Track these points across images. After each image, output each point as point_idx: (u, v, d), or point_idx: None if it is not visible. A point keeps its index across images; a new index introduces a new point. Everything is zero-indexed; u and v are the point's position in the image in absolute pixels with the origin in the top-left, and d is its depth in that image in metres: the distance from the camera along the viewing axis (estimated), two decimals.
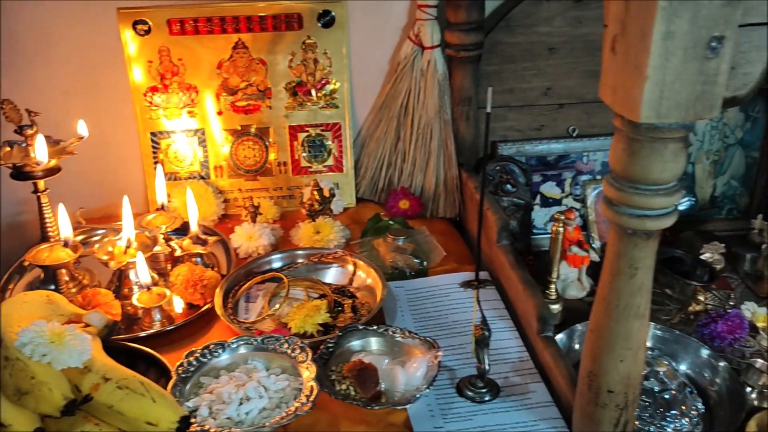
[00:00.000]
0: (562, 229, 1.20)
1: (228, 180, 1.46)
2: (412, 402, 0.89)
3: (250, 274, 1.20)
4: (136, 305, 1.11)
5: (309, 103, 1.44)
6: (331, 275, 1.22)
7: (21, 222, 1.42)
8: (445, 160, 1.44)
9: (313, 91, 1.43)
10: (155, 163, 1.41)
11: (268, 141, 1.45)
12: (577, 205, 1.53)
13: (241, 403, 0.87)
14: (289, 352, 0.96)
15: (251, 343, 0.98)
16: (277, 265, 1.23)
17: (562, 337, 1.11)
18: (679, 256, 1.38)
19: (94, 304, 1.04)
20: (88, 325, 0.87)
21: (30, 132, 1.20)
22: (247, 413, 0.86)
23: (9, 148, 1.22)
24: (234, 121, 1.43)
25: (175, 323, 1.10)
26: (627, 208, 0.71)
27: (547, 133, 1.50)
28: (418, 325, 1.11)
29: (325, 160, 1.48)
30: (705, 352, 1.13)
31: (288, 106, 1.43)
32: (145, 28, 1.33)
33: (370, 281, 1.18)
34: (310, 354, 0.94)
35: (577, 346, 1.11)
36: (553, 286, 1.24)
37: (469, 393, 0.96)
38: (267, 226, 1.34)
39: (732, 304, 1.31)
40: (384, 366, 0.94)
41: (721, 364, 1.11)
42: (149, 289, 1.10)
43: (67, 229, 1.15)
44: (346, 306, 1.11)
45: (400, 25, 1.41)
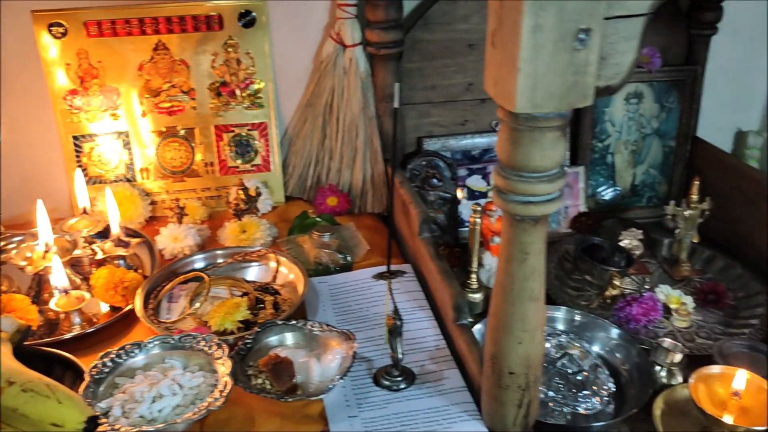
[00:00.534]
0: (479, 220, 1.23)
1: (155, 182, 1.46)
2: (325, 393, 0.91)
3: (174, 274, 1.20)
4: (56, 310, 1.10)
5: (234, 103, 1.44)
6: (255, 273, 1.23)
7: None
8: (371, 156, 1.46)
9: (237, 91, 1.43)
10: (79, 167, 1.40)
11: (194, 142, 1.45)
12: None
13: (153, 401, 0.87)
14: (205, 349, 0.96)
15: (168, 342, 0.98)
16: (200, 265, 1.23)
17: (481, 327, 1.15)
18: (599, 243, 1.43)
19: (9, 309, 1.03)
20: None
21: None
22: (159, 411, 0.87)
23: None
24: (158, 122, 1.42)
25: (95, 326, 1.10)
26: (513, 195, 0.73)
27: (471, 127, 1.53)
28: (339, 319, 1.12)
29: (252, 160, 1.49)
30: (617, 334, 1.18)
31: (213, 107, 1.43)
32: (62, 31, 1.32)
33: (292, 277, 1.19)
34: (227, 350, 0.95)
35: None
36: (474, 276, 1.28)
37: (385, 382, 0.98)
38: (193, 227, 1.34)
39: (647, 287, 1.36)
40: (300, 359, 0.96)
41: (632, 345, 1.15)
42: (67, 293, 1.09)
43: None
44: (268, 303, 1.12)
45: (322, 24, 1.43)
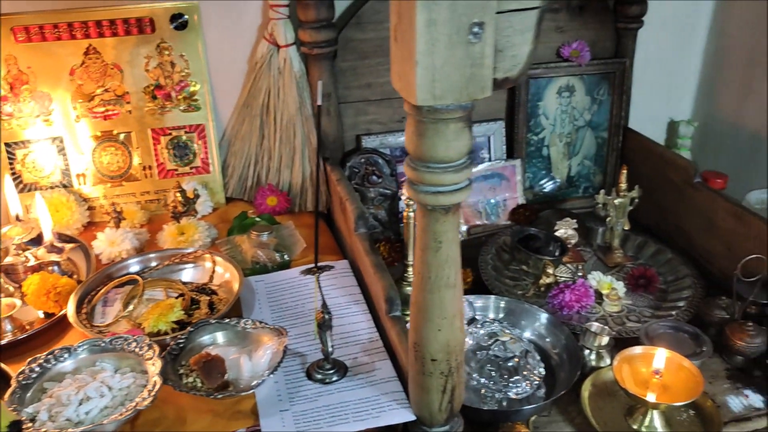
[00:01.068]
0: (413, 214, 1.25)
1: (93, 187, 1.45)
2: (254, 388, 0.92)
3: (109, 279, 1.20)
4: None
5: (170, 106, 1.44)
6: (192, 274, 1.24)
7: None
8: (310, 155, 1.47)
9: (173, 94, 1.43)
10: (13, 174, 1.39)
11: (131, 146, 1.45)
12: None
13: (80, 404, 0.87)
14: (136, 350, 0.97)
15: (98, 346, 0.98)
16: (136, 268, 1.23)
17: None
18: (535, 233, 1.46)
19: None
20: None
21: None
22: (87, 413, 0.87)
23: None
24: (94, 127, 1.42)
25: (27, 332, 1.09)
26: (423, 186, 0.76)
27: None
28: (275, 316, 1.14)
29: (191, 162, 1.49)
30: (547, 320, 1.21)
31: (149, 110, 1.43)
32: None
33: (228, 277, 1.20)
34: (157, 350, 0.95)
35: None
36: (410, 269, 1.30)
37: (317, 375, 1.00)
38: (130, 231, 1.34)
39: (580, 275, 1.40)
40: (231, 356, 0.97)
41: (561, 330, 1.19)
42: None
43: None
44: (203, 303, 1.13)
45: (255, 25, 1.44)
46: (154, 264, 1.22)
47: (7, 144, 1.38)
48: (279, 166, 1.48)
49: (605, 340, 1.15)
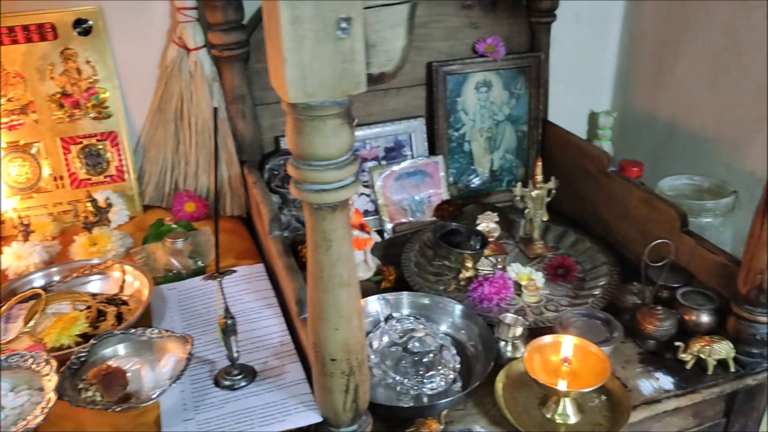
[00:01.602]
0: None
1: (2, 200, 1.40)
2: (153, 399, 0.90)
3: (13, 294, 1.16)
4: None
5: (79, 114, 1.40)
6: (103, 285, 1.21)
7: None
8: (227, 158, 1.45)
9: (81, 101, 1.39)
10: None
11: (40, 156, 1.40)
12: (367, 191, 1.59)
13: None
14: (33, 367, 0.93)
15: None
16: (41, 282, 1.19)
17: None
18: (456, 228, 1.47)
19: None
20: None
21: None
22: None
23: None
24: None
25: None
26: (306, 184, 0.75)
27: None
28: (186, 324, 1.11)
29: (105, 171, 1.45)
30: (462, 312, 1.21)
31: (57, 119, 1.39)
32: None
33: (138, 286, 1.17)
34: (55, 366, 0.92)
35: None
36: None
37: (225, 382, 0.98)
38: (39, 244, 1.30)
39: (500, 267, 1.41)
40: (132, 367, 0.94)
41: (476, 323, 1.19)
42: None
43: None
44: (110, 314, 1.10)
45: (164, 28, 1.41)
46: (59, 277, 1.18)
47: None
48: (196, 171, 1.46)
49: (519, 331, 1.16)
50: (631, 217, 1.41)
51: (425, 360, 1.12)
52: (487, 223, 1.50)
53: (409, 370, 1.11)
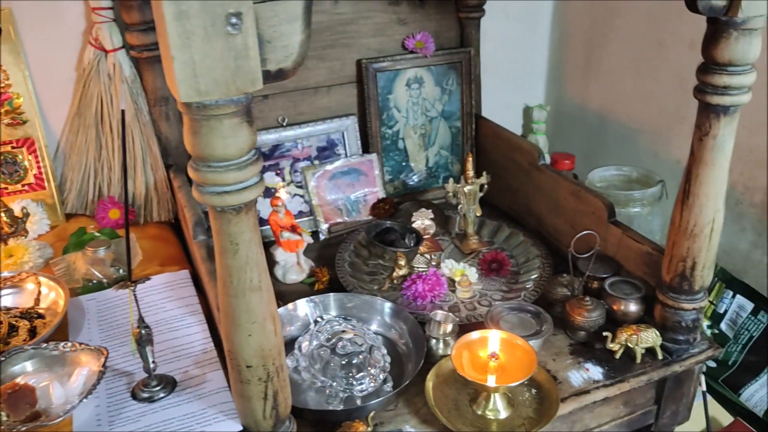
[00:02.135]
0: None
1: None
2: (62, 417, 0.86)
3: None
4: None
5: None
6: (17, 299, 1.15)
7: None
8: (151, 162, 1.41)
9: None
10: None
11: None
12: (301, 192, 1.57)
13: None
14: None
15: None
16: None
17: None
18: (390, 226, 1.46)
19: None
20: None
21: None
22: None
23: None
24: None
25: None
26: (207, 187, 0.72)
27: (258, 124, 1.51)
28: (105, 335, 1.07)
29: (22, 179, 1.39)
30: (391, 310, 1.20)
31: None
32: None
33: (54, 297, 1.12)
34: None
35: None
36: None
37: (143, 394, 0.95)
38: None
39: (434, 264, 1.40)
40: (42, 384, 0.90)
41: (406, 321, 1.18)
42: None
43: None
44: (22, 329, 1.05)
45: (79, 29, 1.36)
46: None
47: None
48: (120, 177, 1.41)
49: (449, 328, 1.15)
50: (561, 209, 1.41)
51: (355, 361, 1.10)
52: (422, 221, 1.50)
53: (338, 372, 1.09)
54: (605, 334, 1.14)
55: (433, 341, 1.16)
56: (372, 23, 1.54)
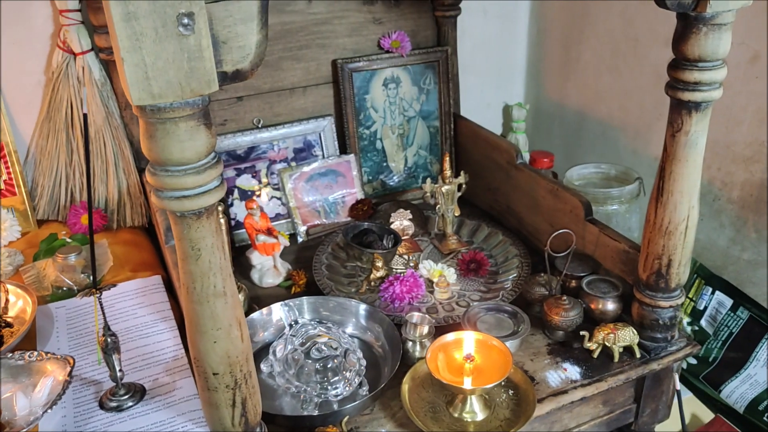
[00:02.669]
0: (222, 220, 1.20)
1: None
2: (26, 428, 0.84)
3: None
4: None
5: None
6: None
7: None
8: (124, 166, 1.39)
9: None
10: None
11: None
12: (278, 194, 1.55)
13: None
14: None
15: None
16: None
17: None
18: (368, 227, 1.44)
19: None
20: None
21: None
22: None
23: None
24: None
25: None
26: (165, 191, 0.70)
27: (233, 127, 1.50)
28: (73, 343, 1.05)
29: None
30: (366, 312, 1.19)
31: None
32: None
33: (22, 305, 1.10)
34: None
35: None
36: None
37: (111, 404, 0.93)
38: None
39: (413, 265, 1.39)
40: (5, 395, 0.88)
41: (382, 323, 1.16)
42: None
43: None
44: None
45: (47, 32, 1.34)
46: None
47: None
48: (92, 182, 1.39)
49: (426, 330, 1.13)
50: (539, 208, 1.40)
51: (329, 365, 1.08)
52: (400, 221, 1.48)
53: (312, 376, 1.07)
54: (582, 333, 1.13)
55: (409, 343, 1.14)
56: (347, 23, 1.52)
